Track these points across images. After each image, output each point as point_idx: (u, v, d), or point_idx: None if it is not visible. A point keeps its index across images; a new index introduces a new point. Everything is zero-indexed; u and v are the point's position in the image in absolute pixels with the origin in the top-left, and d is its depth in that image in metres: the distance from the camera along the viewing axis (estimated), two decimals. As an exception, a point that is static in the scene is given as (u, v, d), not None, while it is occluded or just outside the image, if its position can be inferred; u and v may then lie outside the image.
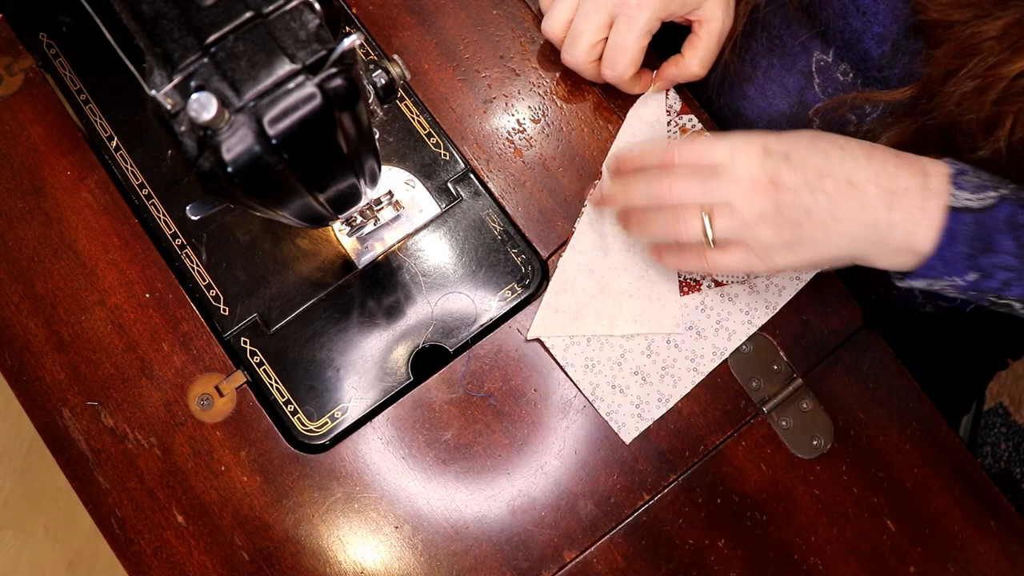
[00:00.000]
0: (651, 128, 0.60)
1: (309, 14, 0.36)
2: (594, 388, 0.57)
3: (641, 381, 0.57)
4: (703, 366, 0.57)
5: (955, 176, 0.47)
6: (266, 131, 0.35)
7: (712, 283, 0.58)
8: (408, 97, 0.62)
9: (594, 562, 0.55)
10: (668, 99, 0.61)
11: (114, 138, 0.61)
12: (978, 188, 0.47)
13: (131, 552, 0.55)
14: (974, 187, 0.47)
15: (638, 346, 0.57)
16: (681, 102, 0.61)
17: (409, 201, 0.60)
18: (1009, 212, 0.46)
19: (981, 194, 0.47)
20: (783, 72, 0.60)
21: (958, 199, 0.46)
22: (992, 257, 0.46)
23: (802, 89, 0.58)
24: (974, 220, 0.46)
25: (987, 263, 0.46)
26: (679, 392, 0.57)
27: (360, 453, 0.56)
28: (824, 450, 0.57)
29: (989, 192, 0.47)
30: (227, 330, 0.58)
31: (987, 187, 0.47)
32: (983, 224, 0.46)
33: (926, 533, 0.57)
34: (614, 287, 0.58)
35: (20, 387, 0.57)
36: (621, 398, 0.57)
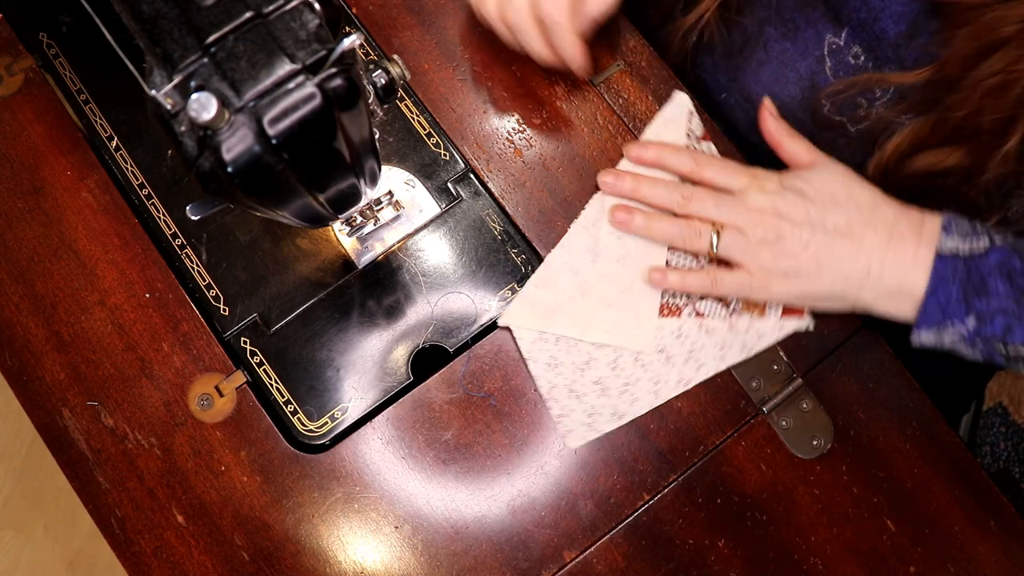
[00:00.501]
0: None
1: (309, 14, 0.36)
2: (551, 388, 0.56)
3: (600, 392, 0.56)
4: (664, 392, 0.56)
5: (945, 224, 0.50)
6: (266, 131, 0.35)
7: (693, 312, 0.57)
8: (408, 97, 0.62)
9: (594, 562, 0.55)
10: (691, 123, 0.60)
11: (114, 138, 0.61)
12: (968, 234, 0.50)
13: (131, 552, 0.55)
14: (964, 233, 0.50)
15: (605, 357, 0.57)
16: (703, 128, 0.60)
17: (409, 201, 0.60)
18: (1001, 258, 0.49)
19: (972, 239, 0.50)
20: (796, 57, 0.59)
21: (945, 244, 0.49)
22: (987, 300, 0.48)
23: (814, 73, 0.58)
24: (964, 264, 0.49)
25: (982, 306, 0.49)
26: (635, 411, 0.56)
27: (360, 453, 0.56)
28: (824, 450, 0.57)
29: (981, 239, 0.50)
30: (227, 330, 0.58)
31: (979, 234, 0.50)
32: (974, 268, 0.49)
33: (926, 533, 0.57)
34: (595, 293, 0.58)
35: (20, 387, 0.57)
36: (575, 404, 0.56)
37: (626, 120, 0.61)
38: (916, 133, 0.53)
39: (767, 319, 0.57)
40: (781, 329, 0.57)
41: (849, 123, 0.57)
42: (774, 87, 0.61)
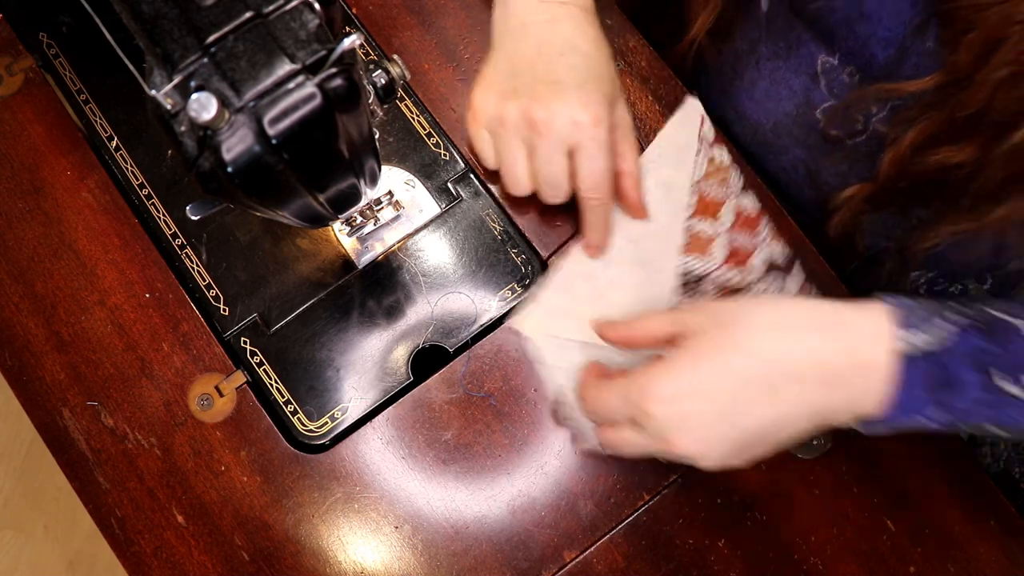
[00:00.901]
0: (679, 152, 0.60)
1: (309, 14, 0.36)
2: (561, 392, 0.56)
3: None
4: None
5: (897, 318, 0.43)
6: (266, 131, 0.35)
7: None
8: (408, 97, 0.62)
9: (594, 562, 0.55)
10: (703, 127, 0.60)
11: (114, 138, 0.61)
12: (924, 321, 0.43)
13: (131, 552, 0.55)
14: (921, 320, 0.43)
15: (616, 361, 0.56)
16: (714, 132, 0.60)
17: (409, 201, 0.60)
18: (964, 340, 0.43)
19: (929, 330, 0.43)
20: (789, 74, 0.59)
21: (904, 345, 0.42)
22: (958, 393, 0.43)
23: (808, 90, 0.58)
24: (927, 363, 0.42)
25: (954, 402, 0.43)
26: None
27: (360, 453, 0.56)
28: (824, 450, 0.57)
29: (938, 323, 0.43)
30: (227, 330, 0.58)
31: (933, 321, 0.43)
32: (939, 364, 0.43)
33: (926, 533, 0.57)
34: (610, 299, 0.57)
35: (20, 387, 0.57)
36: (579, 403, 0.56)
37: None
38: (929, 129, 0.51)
39: None
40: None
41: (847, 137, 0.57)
42: (768, 104, 0.61)
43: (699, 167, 0.60)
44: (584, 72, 0.53)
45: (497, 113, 0.53)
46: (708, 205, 0.59)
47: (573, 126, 0.51)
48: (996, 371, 0.42)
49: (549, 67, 0.53)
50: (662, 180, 0.59)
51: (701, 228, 0.59)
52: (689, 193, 0.59)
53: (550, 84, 0.52)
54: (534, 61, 0.53)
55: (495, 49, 0.56)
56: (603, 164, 0.52)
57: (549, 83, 0.52)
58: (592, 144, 0.52)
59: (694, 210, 0.59)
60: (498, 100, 0.53)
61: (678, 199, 0.59)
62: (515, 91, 0.53)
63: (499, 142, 0.55)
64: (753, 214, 0.59)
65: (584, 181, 0.53)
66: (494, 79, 0.55)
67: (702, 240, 0.58)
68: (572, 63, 0.53)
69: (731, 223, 0.59)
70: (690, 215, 0.59)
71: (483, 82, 0.55)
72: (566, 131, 0.51)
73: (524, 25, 0.55)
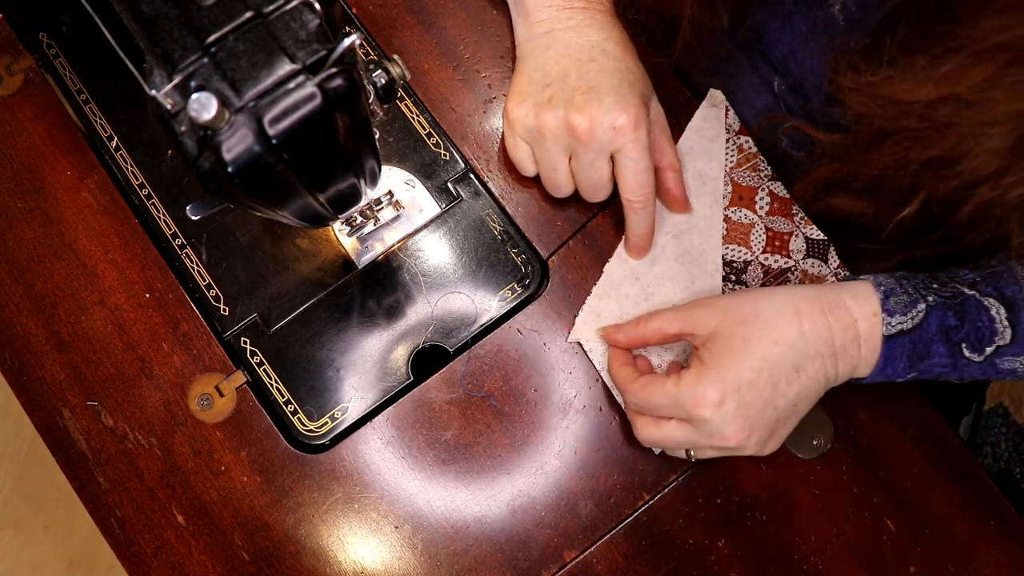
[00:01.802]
0: (710, 143, 0.60)
1: (309, 14, 0.36)
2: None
3: None
4: None
5: (883, 301, 0.50)
6: (266, 131, 0.35)
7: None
8: (408, 97, 0.62)
9: (594, 562, 0.55)
10: (728, 118, 0.61)
11: (114, 138, 0.61)
12: (908, 306, 0.50)
13: (131, 552, 0.55)
14: (904, 306, 0.50)
15: (674, 358, 0.57)
16: (739, 123, 0.61)
17: (409, 201, 0.60)
18: (939, 319, 0.50)
19: (912, 312, 0.50)
20: (753, 94, 0.61)
21: (891, 326, 0.50)
22: (928, 361, 0.51)
23: (771, 109, 0.60)
24: (909, 340, 0.50)
25: (924, 366, 0.51)
26: None
27: (360, 453, 0.56)
28: (824, 450, 0.57)
29: (919, 306, 0.50)
30: (227, 330, 0.58)
31: (916, 301, 0.50)
32: (918, 340, 0.50)
33: (926, 533, 0.57)
34: (659, 296, 0.58)
35: (20, 387, 0.57)
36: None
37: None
38: (830, 174, 0.54)
39: None
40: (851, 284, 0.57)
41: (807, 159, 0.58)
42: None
43: (730, 156, 0.60)
44: (617, 76, 0.53)
45: (536, 124, 0.54)
46: (743, 193, 0.60)
47: (614, 132, 0.52)
48: (965, 345, 0.50)
49: (582, 74, 0.53)
50: (697, 172, 0.60)
51: (739, 216, 0.59)
52: (724, 183, 0.60)
53: (586, 92, 0.53)
54: (566, 68, 0.54)
55: (523, 58, 0.57)
56: (645, 165, 0.53)
57: (585, 90, 0.53)
58: (634, 147, 0.52)
59: (730, 199, 0.59)
60: (536, 110, 0.54)
61: (714, 189, 0.59)
62: (551, 100, 0.53)
63: (540, 151, 0.56)
64: (786, 199, 0.60)
65: (627, 184, 0.54)
66: (528, 89, 0.55)
67: (742, 228, 0.59)
68: (604, 67, 0.53)
69: (767, 209, 0.59)
70: (727, 204, 0.59)
71: (517, 93, 0.56)
72: (607, 137, 0.52)
73: (550, 33, 0.56)
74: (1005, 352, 0.51)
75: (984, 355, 0.51)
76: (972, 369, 0.51)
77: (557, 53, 0.55)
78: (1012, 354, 0.51)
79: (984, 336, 0.50)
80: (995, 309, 0.50)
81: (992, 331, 0.50)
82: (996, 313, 0.50)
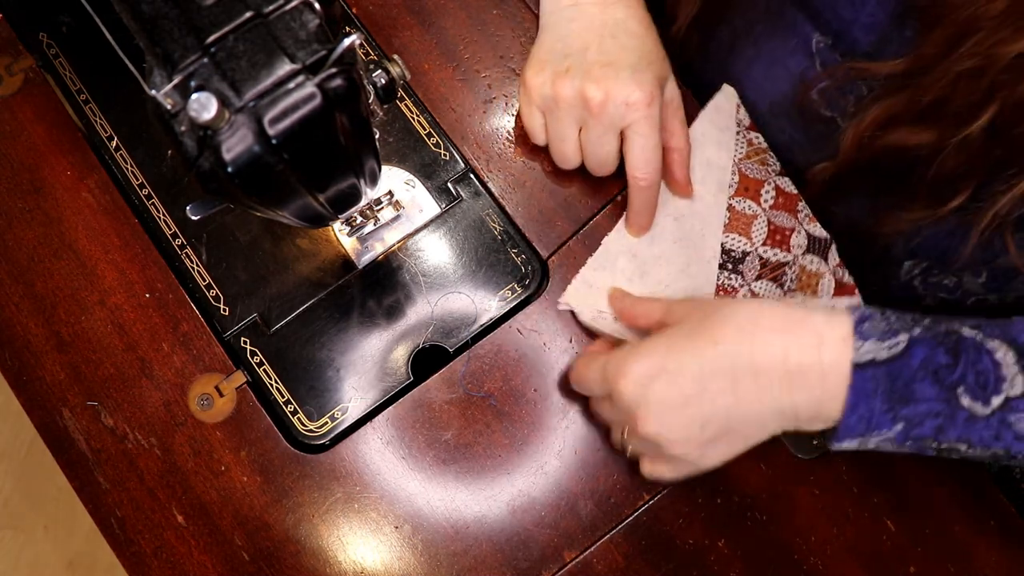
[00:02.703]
0: (720, 132, 0.61)
1: (309, 14, 0.36)
2: None
3: None
4: None
5: (857, 325, 0.44)
6: (266, 131, 0.35)
7: (749, 293, 0.57)
8: (408, 97, 0.62)
9: (594, 562, 0.55)
10: (739, 113, 0.61)
11: (114, 138, 0.61)
12: (885, 335, 0.44)
13: (131, 552, 0.55)
14: (880, 334, 0.44)
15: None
16: (749, 119, 0.61)
17: (409, 201, 0.60)
18: (924, 355, 0.43)
19: (889, 340, 0.44)
20: (786, 54, 0.59)
21: (862, 353, 0.43)
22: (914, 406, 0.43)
23: (805, 70, 0.59)
24: (885, 372, 0.43)
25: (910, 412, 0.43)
26: None
27: (360, 453, 0.56)
28: (824, 450, 0.57)
29: (898, 336, 0.44)
30: (227, 330, 0.58)
31: (896, 331, 0.44)
32: (896, 374, 0.43)
33: (926, 533, 0.57)
34: (653, 276, 0.58)
35: (20, 387, 0.57)
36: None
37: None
38: (891, 109, 0.51)
39: (820, 299, 0.58)
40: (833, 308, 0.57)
41: (839, 118, 0.57)
42: (765, 84, 0.62)
43: (739, 148, 0.61)
44: (636, 53, 0.54)
45: (552, 92, 0.54)
46: (749, 184, 0.60)
47: (626, 107, 0.52)
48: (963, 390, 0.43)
49: (602, 48, 0.54)
50: (705, 159, 0.60)
51: (743, 207, 0.59)
52: (731, 172, 0.60)
53: (604, 65, 0.53)
54: (587, 42, 0.54)
55: (545, 29, 0.57)
56: (654, 143, 0.54)
57: (603, 64, 0.53)
58: (644, 123, 0.53)
59: (736, 189, 0.60)
60: (553, 79, 0.54)
61: (720, 178, 0.60)
62: (568, 71, 0.54)
63: (552, 120, 0.56)
64: (792, 195, 0.60)
65: (635, 161, 0.54)
66: (548, 58, 0.55)
67: (744, 218, 0.59)
68: (624, 44, 0.54)
69: (771, 203, 0.60)
70: (732, 194, 0.59)
71: (536, 61, 0.56)
72: (620, 112, 0.52)
73: (576, 6, 0.56)
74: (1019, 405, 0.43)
75: (991, 407, 0.43)
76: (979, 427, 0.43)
77: (580, 26, 0.55)
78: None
79: (988, 383, 0.43)
80: (1000, 352, 0.43)
81: (998, 377, 0.43)
82: (1002, 357, 0.43)
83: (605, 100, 0.52)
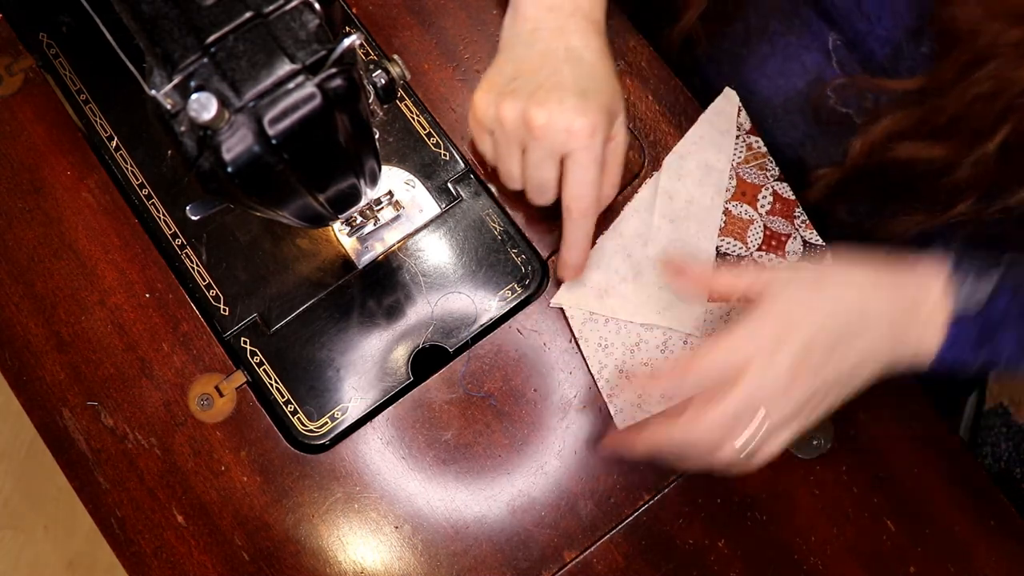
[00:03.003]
0: (720, 136, 0.61)
1: (309, 14, 0.36)
2: (601, 368, 0.57)
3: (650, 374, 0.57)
4: None
5: (955, 277, 0.48)
6: (266, 131, 0.35)
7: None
8: (408, 97, 0.62)
9: (594, 562, 0.55)
10: (740, 117, 0.61)
11: (114, 138, 0.61)
12: (974, 283, 0.48)
13: (131, 552, 0.55)
14: (972, 285, 0.48)
15: (655, 339, 0.57)
16: (750, 123, 0.61)
17: (409, 201, 0.60)
18: (1007, 300, 0.48)
19: (979, 287, 0.48)
20: (801, 50, 0.59)
21: (958, 305, 0.48)
22: (995, 346, 0.48)
23: (820, 67, 0.58)
24: (975, 321, 0.48)
25: (990, 351, 0.49)
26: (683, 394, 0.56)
27: (360, 453, 0.56)
28: (824, 450, 0.57)
29: (987, 282, 0.48)
30: (227, 330, 0.58)
31: (983, 277, 0.48)
32: (986, 322, 0.48)
33: (926, 533, 0.57)
34: (647, 276, 0.58)
35: (20, 387, 0.57)
36: (626, 383, 0.57)
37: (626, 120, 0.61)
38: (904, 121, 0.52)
39: None
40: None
41: (855, 115, 0.57)
42: (779, 80, 0.61)
43: (738, 152, 0.61)
44: (585, 81, 0.52)
45: (497, 113, 0.53)
46: (747, 189, 0.60)
47: (567, 134, 0.50)
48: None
49: (551, 73, 0.53)
50: (703, 162, 0.60)
51: (739, 211, 0.59)
52: (728, 176, 0.60)
53: (550, 89, 0.52)
54: (539, 66, 0.53)
55: (502, 52, 0.56)
56: (592, 175, 0.52)
57: (550, 88, 0.52)
58: (585, 154, 0.51)
59: (733, 193, 0.60)
60: (498, 99, 0.53)
61: (718, 181, 0.60)
62: (514, 92, 0.53)
63: (497, 141, 0.55)
64: (790, 200, 0.60)
65: (570, 190, 0.53)
66: (497, 80, 0.54)
67: (740, 223, 0.59)
68: (576, 71, 0.53)
69: (768, 208, 0.60)
70: (729, 198, 0.59)
71: (486, 82, 0.55)
72: (560, 138, 0.51)
73: (534, 32, 0.55)
74: None
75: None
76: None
77: (535, 51, 0.54)
78: None
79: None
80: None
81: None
82: None
83: (547, 125, 0.50)
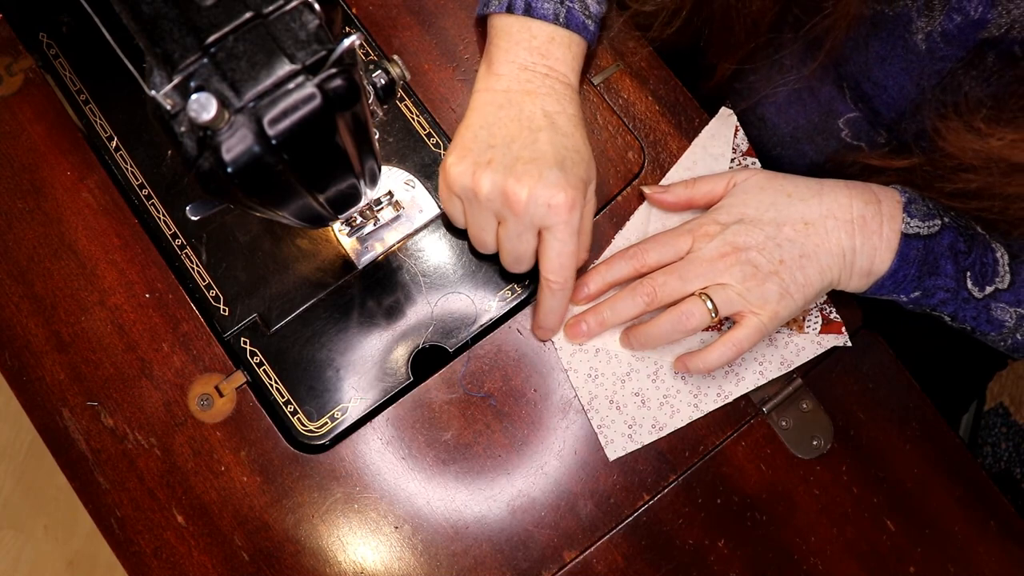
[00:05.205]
0: (714, 160, 0.60)
1: (309, 14, 0.36)
2: (592, 398, 0.56)
3: (640, 404, 0.57)
4: (704, 405, 0.57)
5: (906, 204, 0.52)
6: (266, 131, 0.35)
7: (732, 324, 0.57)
8: (408, 97, 0.62)
9: (594, 562, 0.55)
10: (737, 138, 0.61)
11: (114, 138, 0.61)
12: (926, 216, 0.52)
13: (131, 552, 0.55)
14: (923, 215, 0.52)
15: (646, 368, 0.57)
16: (748, 143, 0.61)
17: (409, 201, 0.60)
18: (951, 239, 0.52)
19: (929, 222, 0.52)
20: (815, 81, 0.58)
21: (910, 226, 0.52)
22: (935, 279, 0.52)
23: (833, 99, 0.58)
24: (923, 245, 0.52)
25: (930, 284, 0.53)
26: (674, 424, 0.56)
27: (360, 453, 0.56)
28: (824, 450, 0.57)
29: (935, 220, 0.52)
30: (227, 330, 0.58)
31: (933, 215, 0.52)
32: (930, 249, 0.52)
33: (926, 533, 0.57)
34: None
35: (20, 387, 0.57)
36: (616, 415, 0.56)
37: (626, 120, 0.61)
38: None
39: (806, 334, 0.57)
40: (819, 345, 0.57)
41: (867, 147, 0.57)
42: (791, 109, 0.61)
43: None
44: (562, 152, 0.52)
45: (472, 184, 0.52)
46: None
47: (548, 208, 0.50)
48: (970, 274, 0.52)
49: (528, 143, 0.52)
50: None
51: None
52: None
53: (528, 162, 0.51)
54: (514, 135, 0.53)
55: (473, 110, 0.55)
56: (571, 249, 0.52)
57: (527, 160, 0.51)
58: (564, 228, 0.51)
59: None
60: (474, 170, 0.52)
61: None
62: (491, 163, 0.52)
63: (471, 211, 0.54)
64: None
65: (549, 264, 0.52)
66: (471, 146, 0.53)
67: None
68: (551, 140, 0.52)
69: None
70: None
71: (460, 146, 0.54)
72: (540, 213, 0.51)
73: (507, 92, 0.55)
74: (1002, 297, 0.53)
75: (984, 293, 0.53)
76: (969, 308, 0.53)
77: (508, 115, 0.54)
78: (1007, 302, 0.53)
79: (987, 273, 0.52)
80: (1000, 252, 0.53)
81: (995, 271, 0.52)
82: (1000, 256, 0.53)
83: (528, 200, 0.50)
